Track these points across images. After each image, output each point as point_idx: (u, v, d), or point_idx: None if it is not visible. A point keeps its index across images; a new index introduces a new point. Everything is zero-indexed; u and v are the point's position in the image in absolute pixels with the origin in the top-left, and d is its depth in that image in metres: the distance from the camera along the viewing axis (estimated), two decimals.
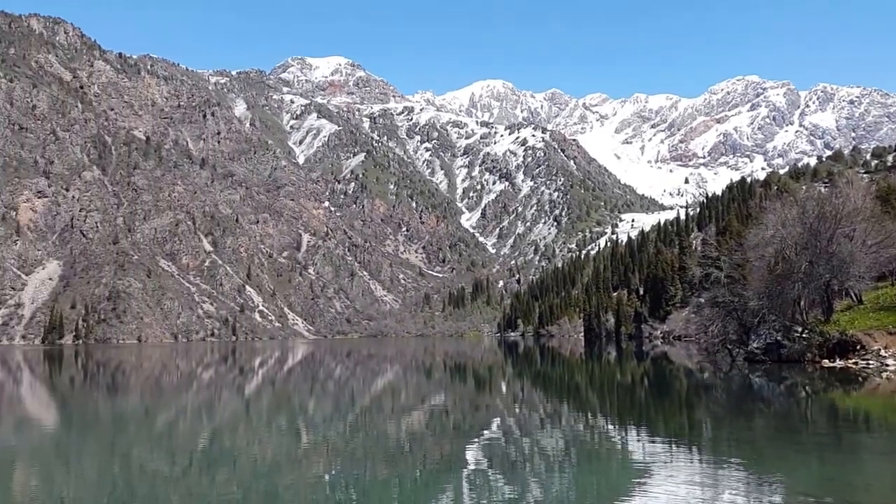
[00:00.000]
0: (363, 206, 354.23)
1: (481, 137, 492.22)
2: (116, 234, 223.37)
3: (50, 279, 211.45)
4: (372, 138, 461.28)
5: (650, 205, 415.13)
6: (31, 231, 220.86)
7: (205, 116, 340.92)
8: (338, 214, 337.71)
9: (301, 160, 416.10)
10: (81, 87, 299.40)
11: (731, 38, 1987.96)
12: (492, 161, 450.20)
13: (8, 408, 35.26)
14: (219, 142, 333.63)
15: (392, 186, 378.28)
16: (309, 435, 24.06)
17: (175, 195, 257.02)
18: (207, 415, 30.88)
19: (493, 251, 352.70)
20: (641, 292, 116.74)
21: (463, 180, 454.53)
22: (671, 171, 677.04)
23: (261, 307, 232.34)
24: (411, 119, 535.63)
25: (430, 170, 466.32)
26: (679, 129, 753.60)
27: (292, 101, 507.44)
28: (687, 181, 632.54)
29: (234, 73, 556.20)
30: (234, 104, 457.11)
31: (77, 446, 22.80)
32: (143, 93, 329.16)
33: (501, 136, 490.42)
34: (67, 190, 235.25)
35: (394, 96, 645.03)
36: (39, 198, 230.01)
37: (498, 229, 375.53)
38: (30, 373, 64.80)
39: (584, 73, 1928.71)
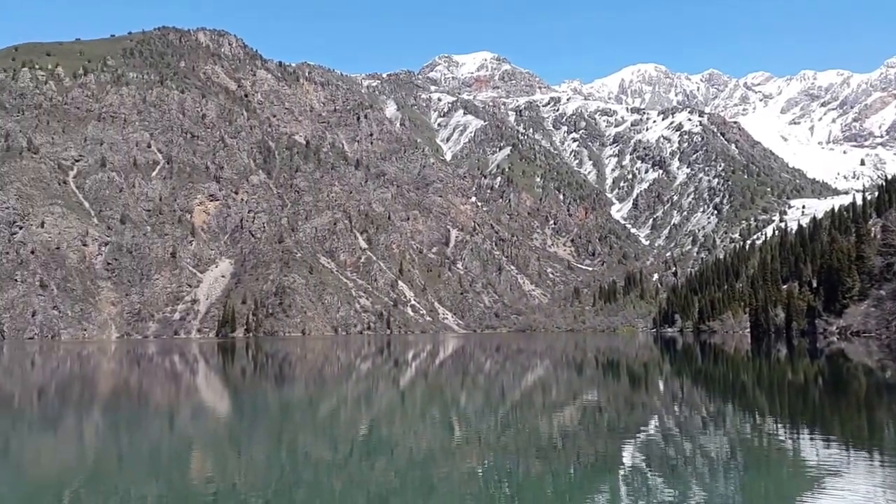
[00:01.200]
0: (510, 200, 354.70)
1: (632, 124, 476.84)
2: (281, 233, 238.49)
3: (222, 276, 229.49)
4: (518, 131, 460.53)
5: (822, 189, 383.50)
6: (204, 232, 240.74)
7: (358, 119, 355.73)
8: (485, 209, 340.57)
9: (448, 157, 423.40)
10: (246, 96, 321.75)
11: None
12: (644, 148, 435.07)
13: (186, 396, 38.47)
14: (371, 143, 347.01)
15: (538, 179, 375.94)
16: (462, 428, 24.26)
17: (333, 195, 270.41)
18: (366, 405, 32.03)
19: (647, 243, 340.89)
20: (814, 285, 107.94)
21: (613, 170, 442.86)
22: (844, 152, 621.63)
23: (412, 302, 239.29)
24: (558, 110, 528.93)
25: (577, 160, 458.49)
26: (852, 107, 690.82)
27: (439, 99, 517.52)
28: (863, 163, 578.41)
29: (384, 75, 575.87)
30: (385, 105, 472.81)
31: (248, 433, 24.33)
32: (302, 99, 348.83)
33: (654, 121, 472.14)
34: (236, 193, 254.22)
35: (540, 87, 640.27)
36: (211, 201, 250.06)
37: (651, 220, 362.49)
38: (205, 364, 70.44)
39: (744, 50, 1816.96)
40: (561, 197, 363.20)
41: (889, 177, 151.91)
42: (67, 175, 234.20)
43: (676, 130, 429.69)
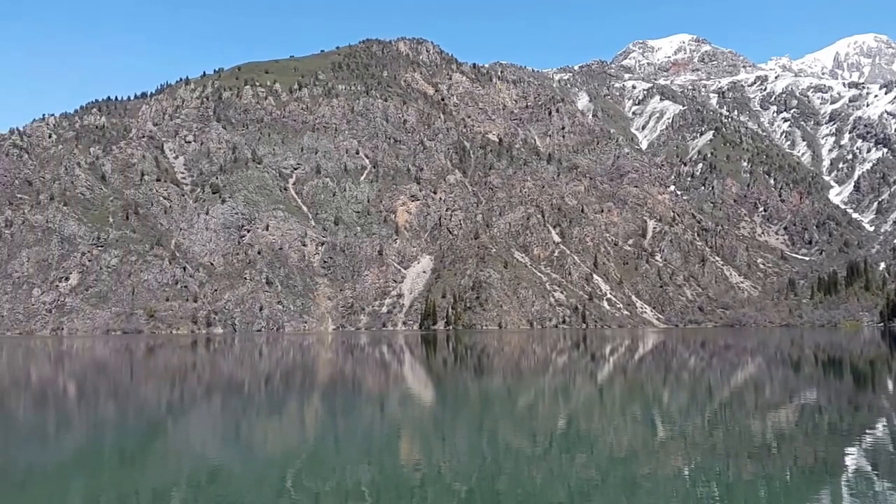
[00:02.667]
0: (713, 188, 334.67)
1: (850, 100, 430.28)
2: (477, 229, 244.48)
3: (424, 272, 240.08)
4: (720, 114, 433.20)
5: None
6: (407, 230, 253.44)
7: (550, 113, 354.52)
8: (685, 198, 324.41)
9: (644, 145, 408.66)
10: (442, 100, 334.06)
11: None
12: (865, 126, 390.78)
13: (394, 384, 40.74)
14: (563, 136, 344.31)
15: (745, 164, 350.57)
16: (665, 426, 23.43)
17: (525, 190, 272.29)
18: (563, 398, 31.97)
19: (871, 229, 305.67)
20: None
21: (830, 150, 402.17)
22: None
23: (608, 295, 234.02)
24: (765, 89, 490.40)
25: (789, 142, 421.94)
26: None
27: (634, 87, 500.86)
28: None
29: (576, 67, 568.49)
30: (577, 98, 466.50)
31: (451, 421, 25.30)
32: (494, 98, 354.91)
33: (876, 96, 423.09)
34: (435, 193, 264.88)
35: (744, 66, 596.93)
36: (413, 201, 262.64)
37: (876, 203, 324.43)
38: (410, 354, 74.06)
39: None
40: (771, 182, 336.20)
41: None
42: (287, 182, 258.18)
43: None
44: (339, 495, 14.76)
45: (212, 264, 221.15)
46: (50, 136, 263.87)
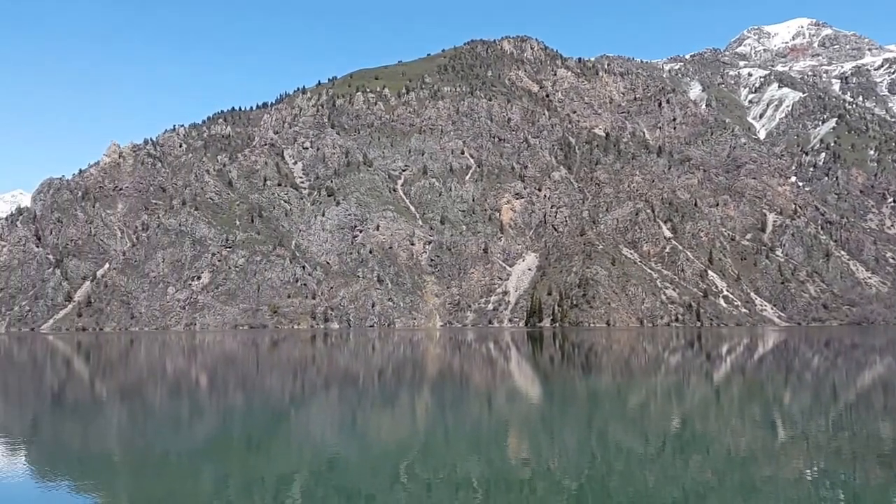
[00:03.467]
0: (837, 178, 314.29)
1: None
2: (583, 226, 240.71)
3: (529, 269, 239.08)
4: (844, 101, 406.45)
5: None
6: (511, 228, 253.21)
7: (660, 105, 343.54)
8: (807, 189, 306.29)
9: (762, 135, 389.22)
10: (547, 96, 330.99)
11: None
12: None
13: (501, 380, 40.99)
14: (674, 128, 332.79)
15: (872, 152, 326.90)
16: (786, 428, 22.49)
17: (634, 185, 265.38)
18: (677, 398, 31.21)
19: None
20: None
21: None
22: None
23: (725, 292, 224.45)
24: (894, 72, 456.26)
25: None
26: None
27: (750, 74, 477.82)
28: None
29: (687, 56, 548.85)
30: (689, 88, 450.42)
31: (559, 419, 25.29)
32: (601, 92, 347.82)
33: None
34: (539, 190, 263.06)
35: (870, 49, 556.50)
36: (517, 199, 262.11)
37: None
38: (516, 351, 74.07)
39: None
40: None
41: None
42: (396, 183, 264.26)
43: None
44: (449, 487, 15.14)
45: (328, 263, 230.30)
46: (181, 146, 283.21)
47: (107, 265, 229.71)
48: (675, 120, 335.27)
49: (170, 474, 16.95)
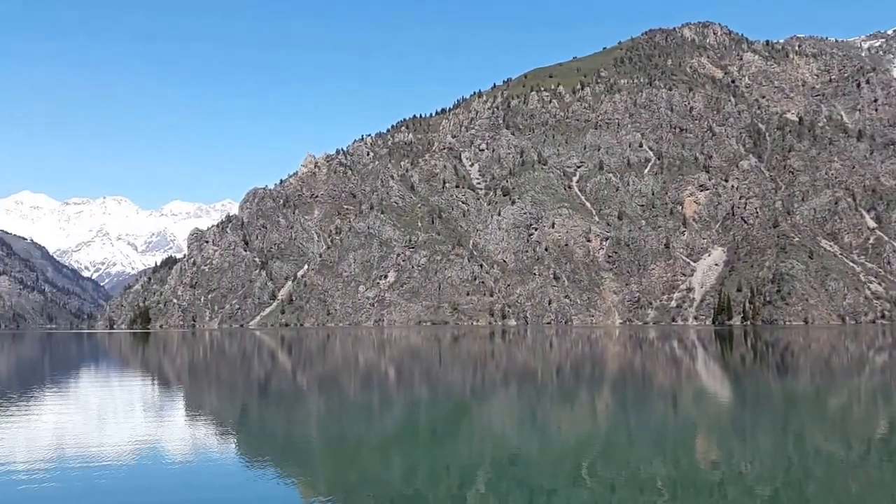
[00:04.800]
0: None
1: None
2: (776, 217, 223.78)
3: (715, 265, 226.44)
4: None
5: None
6: (695, 222, 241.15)
7: (858, 86, 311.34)
8: None
9: None
10: (733, 82, 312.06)
11: None
12: None
13: (687, 380, 39.45)
14: (875, 109, 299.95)
15: None
16: None
17: (832, 172, 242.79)
18: (884, 400, 28.49)
19: None
20: None
21: None
22: None
23: None
24: None
25: None
26: None
27: None
28: None
29: (889, 32, 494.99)
30: (892, 66, 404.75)
31: (752, 421, 24.01)
32: (792, 75, 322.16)
33: None
34: (726, 181, 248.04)
35: None
36: (701, 191, 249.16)
37: None
38: (703, 350, 70.62)
39: None
40: None
41: None
42: (571, 180, 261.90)
43: None
44: (633, 487, 14.90)
45: (504, 261, 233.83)
46: (368, 154, 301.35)
47: (306, 266, 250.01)
48: (876, 101, 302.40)
49: (362, 460, 18.18)
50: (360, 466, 17.44)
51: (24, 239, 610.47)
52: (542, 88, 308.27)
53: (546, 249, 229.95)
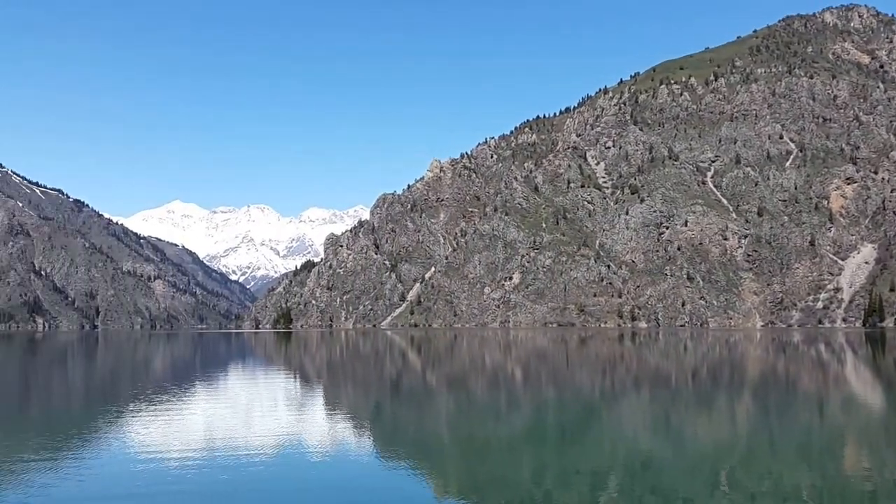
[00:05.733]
0: None
1: None
2: None
3: (865, 262, 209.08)
4: None
5: None
6: (843, 217, 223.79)
7: None
8: None
9: None
10: (881, 67, 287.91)
11: None
12: None
13: (834, 386, 36.89)
14: None
15: None
16: None
17: None
18: None
19: None
20: None
21: None
22: None
23: None
24: None
25: None
26: None
27: None
28: None
29: None
30: None
31: None
32: None
33: None
34: (875, 173, 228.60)
35: None
36: (848, 184, 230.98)
37: None
38: (853, 354, 65.73)
39: None
40: None
41: None
42: (705, 175, 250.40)
43: None
44: (775, 498, 14.14)
45: (633, 261, 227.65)
46: (491, 157, 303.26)
47: (433, 268, 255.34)
48: None
49: (492, 460, 18.30)
50: (489, 466, 17.58)
51: (177, 245, 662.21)
52: (672, 81, 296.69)
53: (678, 249, 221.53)
